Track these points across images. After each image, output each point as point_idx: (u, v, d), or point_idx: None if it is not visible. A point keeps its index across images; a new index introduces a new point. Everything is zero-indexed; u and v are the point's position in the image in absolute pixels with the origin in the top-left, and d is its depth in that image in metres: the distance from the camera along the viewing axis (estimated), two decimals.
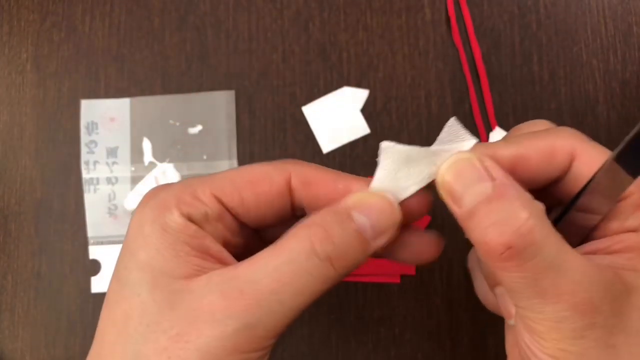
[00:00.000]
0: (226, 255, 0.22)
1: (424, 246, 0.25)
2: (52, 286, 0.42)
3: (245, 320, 0.20)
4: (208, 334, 0.19)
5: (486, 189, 0.20)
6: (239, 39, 0.44)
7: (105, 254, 0.42)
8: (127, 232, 0.22)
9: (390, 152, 0.22)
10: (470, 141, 0.23)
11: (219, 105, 0.43)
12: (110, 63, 0.44)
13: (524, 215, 0.19)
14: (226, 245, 0.23)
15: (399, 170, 0.23)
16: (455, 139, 0.23)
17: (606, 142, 0.43)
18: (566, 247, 0.20)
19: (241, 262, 0.21)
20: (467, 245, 0.43)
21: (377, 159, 0.23)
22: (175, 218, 0.21)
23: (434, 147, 0.23)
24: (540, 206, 0.20)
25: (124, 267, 0.21)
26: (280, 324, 0.21)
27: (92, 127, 0.43)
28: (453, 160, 0.21)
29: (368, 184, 0.23)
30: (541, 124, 0.24)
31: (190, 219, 0.21)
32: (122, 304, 0.21)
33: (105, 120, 0.43)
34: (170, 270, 0.20)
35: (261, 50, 0.44)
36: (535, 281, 0.19)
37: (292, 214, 0.24)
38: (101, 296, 0.42)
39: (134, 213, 0.22)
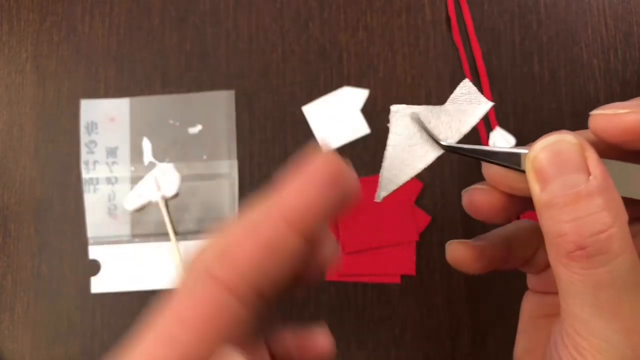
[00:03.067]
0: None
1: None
2: (52, 286, 0.42)
3: None
4: None
5: (579, 183, 0.18)
6: (239, 38, 0.44)
7: (105, 254, 0.42)
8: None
9: (400, 116, 0.22)
10: (487, 103, 0.22)
11: (219, 105, 0.43)
12: (110, 63, 0.44)
13: (608, 221, 0.18)
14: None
15: (412, 137, 0.22)
16: (471, 101, 0.22)
17: None
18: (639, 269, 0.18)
19: None
20: None
21: (387, 124, 0.22)
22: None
23: (448, 104, 0.22)
24: (626, 216, 0.19)
25: (165, 322, 0.16)
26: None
27: (92, 127, 0.43)
28: (554, 139, 0.19)
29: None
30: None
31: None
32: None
33: (105, 120, 0.43)
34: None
35: (261, 50, 0.44)
36: (596, 290, 0.18)
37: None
38: (101, 296, 0.42)
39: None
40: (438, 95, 0.43)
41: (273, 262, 0.17)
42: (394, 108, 0.22)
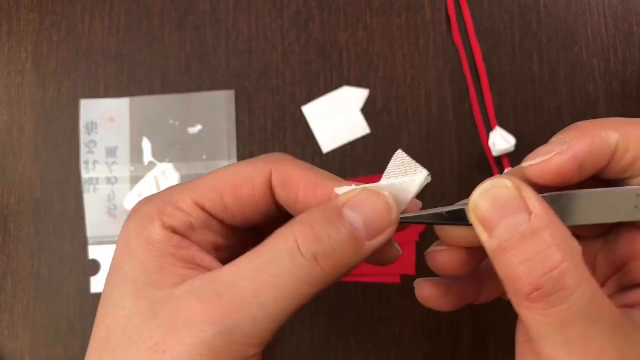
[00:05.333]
0: (213, 263, 0.21)
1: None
2: (51, 286, 0.42)
3: (222, 325, 0.19)
4: (185, 342, 0.19)
5: (522, 223, 0.18)
6: (239, 39, 0.44)
7: (105, 254, 0.42)
8: (115, 250, 0.21)
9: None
10: (423, 172, 0.21)
11: (219, 105, 0.43)
12: (110, 63, 0.44)
13: (558, 258, 0.18)
14: (219, 250, 0.22)
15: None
16: (408, 171, 0.22)
17: None
18: (601, 296, 0.18)
19: (226, 265, 0.20)
20: None
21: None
22: (158, 230, 0.21)
23: (383, 182, 0.22)
24: (578, 248, 0.19)
25: (111, 282, 0.21)
26: (262, 330, 0.19)
27: (92, 127, 0.43)
28: (489, 185, 0.19)
29: (352, 185, 0.21)
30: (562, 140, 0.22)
31: (173, 230, 0.21)
32: (107, 319, 0.20)
33: (104, 120, 0.43)
34: (155, 281, 0.20)
35: (261, 50, 0.44)
36: (562, 329, 0.18)
37: (281, 212, 0.23)
38: (101, 296, 0.42)
39: (121, 230, 0.22)
40: (438, 95, 0.43)
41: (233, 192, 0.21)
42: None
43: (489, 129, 0.42)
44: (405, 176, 0.21)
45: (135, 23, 0.44)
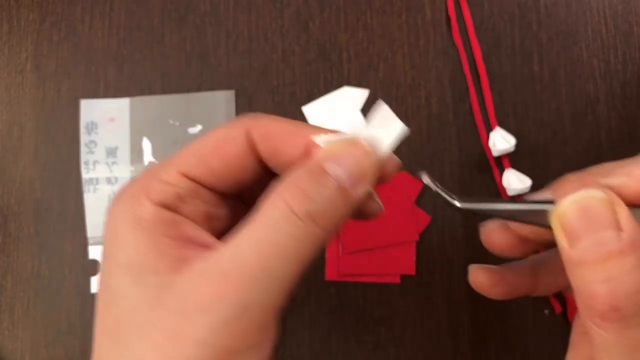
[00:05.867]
0: (208, 238, 0.21)
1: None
2: (51, 286, 0.42)
3: (237, 301, 0.19)
4: (203, 323, 0.18)
5: (610, 241, 0.18)
6: (239, 38, 0.44)
7: None
8: (104, 237, 0.21)
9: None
10: (400, 125, 0.22)
11: (219, 105, 0.43)
12: (110, 63, 0.44)
13: None
14: (210, 219, 0.22)
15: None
16: (386, 124, 0.22)
17: (606, 142, 0.44)
18: None
19: (223, 243, 0.20)
20: (467, 245, 0.43)
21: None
22: (147, 209, 0.20)
23: (362, 131, 0.22)
24: None
25: (107, 272, 0.20)
26: (276, 298, 0.19)
27: (92, 127, 0.43)
28: (582, 195, 0.19)
29: (328, 134, 0.22)
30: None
31: (163, 205, 0.21)
32: (112, 310, 0.20)
33: (104, 120, 0.43)
34: (153, 266, 0.20)
35: (261, 50, 0.44)
36: (632, 352, 0.18)
37: (266, 173, 0.23)
38: None
39: (106, 216, 0.21)
40: (438, 95, 0.43)
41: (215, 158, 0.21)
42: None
43: (489, 129, 0.42)
44: (384, 128, 0.22)
45: (135, 23, 0.44)
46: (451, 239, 0.42)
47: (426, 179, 0.22)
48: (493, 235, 0.23)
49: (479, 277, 0.25)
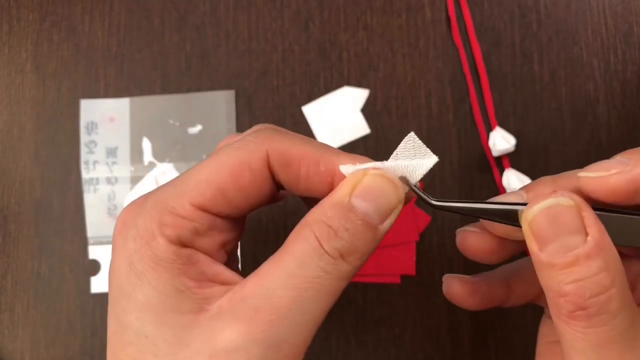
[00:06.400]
0: (227, 273, 0.21)
1: None
2: (51, 286, 0.42)
3: (268, 339, 0.18)
4: None
5: (577, 245, 0.18)
6: (239, 39, 0.44)
7: (105, 254, 0.42)
8: (114, 268, 0.20)
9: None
10: (433, 157, 0.22)
11: (219, 105, 0.43)
12: (110, 63, 0.44)
13: (607, 283, 0.18)
14: (224, 245, 0.22)
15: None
16: (417, 155, 0.22)
17: (606, 142, 0.44)
18: (638, 324, 0.19)
19: (247, 279, 0.20)
20: None
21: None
22: (163, 247, 0.20)
23: (390, 162, 0.22)
24: (624, 272, 0.19)
25: (122, 309, 0.20)
26: (308, 334, 0.19)
27: (92, 127, 0.43)
28: (550, 202, 0.19)
29: (352, 160, 0.21)
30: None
31: (179, 241, 0.20)
32: (129, 348, 0.20)
33: (104, 120, 0.43)
34: (175, 306, 0.19)
35: (261, 50, 0.44)
36: (598, 348, 0.18)
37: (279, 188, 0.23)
38: (101, 296, 0.42)
39: (114, 245, 0.20)
40: (438, 95, 0.43)
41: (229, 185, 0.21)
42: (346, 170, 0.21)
43: (489, 129, 0.42)
44: (414, 159, 0.21)
45: (135, 23, 0.44)
46: (451, 239, 0.41)
47: (404, 179, 0.21)
48: (468, 238, 0.23)
49: (454, 286, 0.25)
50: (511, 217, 0.21)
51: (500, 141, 0.41)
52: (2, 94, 0.44)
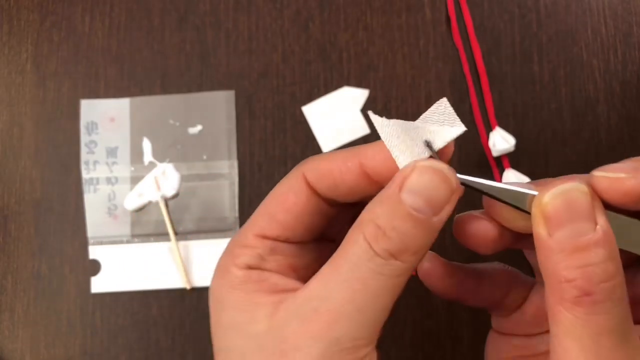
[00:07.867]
0: (296, 284, 0.22)
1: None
2: (51, 286, 0.42)
3: (327, 337, 0.19)
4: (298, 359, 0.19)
5: (588, 232, 0.19)
6: (239, 39, 0.44)
7: (105, 254, 0.42)
8: (210, 308, 0.23)
9: (385, 127, 0.21)
10: (461, 127, 0.22)
11: (219, 105, 0.43)
12: (110, 63, 0.44)
13: (613, 270, 0.19)
14: (295, 270, 0.23)
15: (403, 140, 0.21)
16: (445, 121, 0.21)
17: (606, 142, 0.44)
18: (631, 320, 0.19)
19: (310, 281, 0.21)
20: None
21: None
22: (235, 274, 0.22)
23: (418, 122, 0.22)
24: (622, 269, 0.20)
25: (217, 338, 0.22)
26: (369, 331, 0.20)
27: (92, 127, 0.43)
28: (566, 188, 0.19)
29: (379, 149, 0.21)
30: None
31: (248, 267, 0.22)
32: None
33: (105, 120, 0.43)
34: (251, 318, 0.21)
35: (261, 50, 0.44)
36: (597, 335, 0.19)
37: (346, 207, 0.23)
38: (101, 296, 0.42)
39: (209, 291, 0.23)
40: (438, 95, 0.43)
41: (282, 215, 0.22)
42: (376, 120, 0.21)
43: (489, 129, 0.42)
44: (442, 126, 0.21)
45: (135, 23, 0.44)
46: (451, 238, 0.41)
47: (427, 144, 0.22)
48: (469, 224, 0.23)
49: (429, 264, 0.26)
50: (520, 203, 0.21)
51: (500, 141, 0.41)
52: (2, 94, 0.44)
